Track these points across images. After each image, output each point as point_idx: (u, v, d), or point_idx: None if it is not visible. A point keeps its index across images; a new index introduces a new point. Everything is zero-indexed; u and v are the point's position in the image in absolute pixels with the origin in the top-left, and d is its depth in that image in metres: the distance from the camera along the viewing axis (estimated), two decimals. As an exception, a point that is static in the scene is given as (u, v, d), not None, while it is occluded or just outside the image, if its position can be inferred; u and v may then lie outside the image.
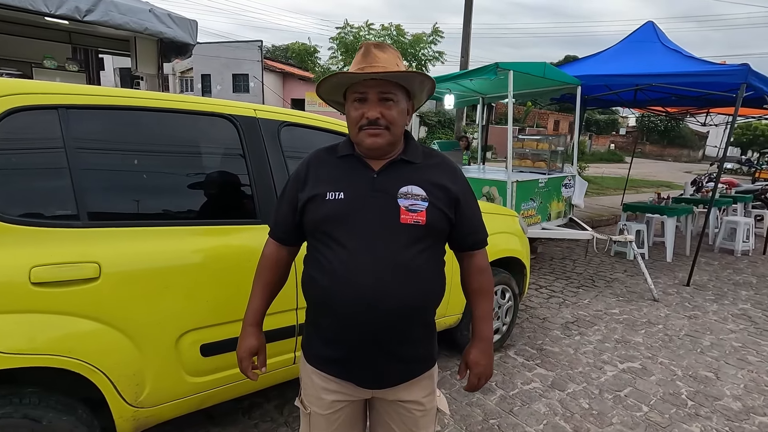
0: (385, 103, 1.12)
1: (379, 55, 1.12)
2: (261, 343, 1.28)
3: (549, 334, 3.36)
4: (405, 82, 1.15)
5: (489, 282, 1.29)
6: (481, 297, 1.28)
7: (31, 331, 1.29)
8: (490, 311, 1.30)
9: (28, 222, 1.33)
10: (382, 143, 1.13)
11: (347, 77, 1.12)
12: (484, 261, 1.29)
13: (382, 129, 1.12)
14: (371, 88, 1.11)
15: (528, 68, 4.59)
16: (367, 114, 1.11)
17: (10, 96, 1.35)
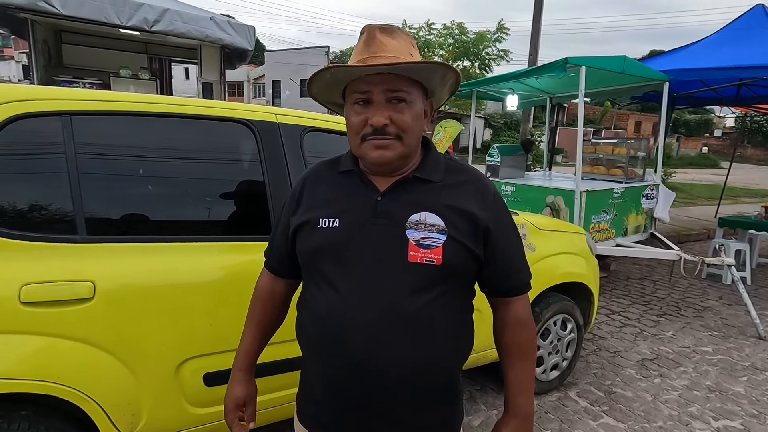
0: (395, 105, 0.85)
1: (387, 41, 0.86)
2: (249, 392, 1.07)
3: (621, 374, 2.86)
4: (421, 75, 0.88)
5: (529, 340, 0.98)
6: (517, 360, 0.97)
7: (17, 354, 1.20)
8: (531, 378, 0.98)
9: (21, 236, 1.25)
10: (391, 157, 0.87)
11: (343, 72, 0.86)
12: (525, 311, 0.98)
13: (391, 139, 0.86)
14: (376, 86, 0.85)
15: (603, 63, 4.05)
16: (371, 120, 0.85)
17: (15, 102, 1.28)
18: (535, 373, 1.02)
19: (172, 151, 1.51)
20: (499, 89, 5.56)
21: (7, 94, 1.28)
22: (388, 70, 0.84)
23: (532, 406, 0.98)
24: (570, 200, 4.12)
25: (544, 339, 2.47)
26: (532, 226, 2.39)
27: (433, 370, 0.88)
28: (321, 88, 0.93)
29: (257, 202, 1.61)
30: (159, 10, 4.55)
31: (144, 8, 4.48)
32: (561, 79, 4.81)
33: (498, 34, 8.11)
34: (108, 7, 4.31)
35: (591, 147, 5.27)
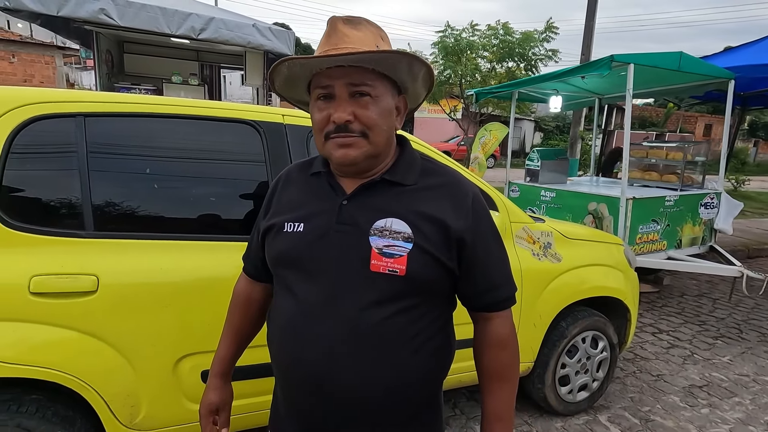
0: (358, 100, 0.79)
1: (349, 32, 0.80)
2: (224, 398, 1.05)
3: (662, 400, 2.59)
4: (386, 67, 0.81)
5: (510, 361, 0.89)
6: (496, 382, 0.88)
7: (24, 341, 1.28)
8: (511, 404, 0.89)
9: (33, 230, 1.32)
10: (356, 156, 0.81)
11: (300, 65, 0.81)
12: (506, 330, 0.89)
13: (355, 137, 0.80)
14: (338, 80, 0.79)
15: (655, 60, 3.74)
16: (333, 116, 0.80)
17: (31, 105, 1.36)
18: (515, 399, 0.91)
19: (178, 151, 1.55)
20: (543, 90, 5.30)
21: (25, 97, 1.37)
22: (346, 61, 0.77)
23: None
24: (615, 208, 3.84)
25: (570, 357, 2.29)
26: (558, 235, 2.23)
27: (396, 391, 0.81)
28: (283, 85, 0.89)
29: (260, 203, 1.61)
30: (205, 18, 4.79)
31: (192, 17, 4.73)
32: (610, 79, 4.51)
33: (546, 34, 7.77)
34: (160, 17, 4.60)
35: (642, 151, 4.88)
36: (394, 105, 0.86)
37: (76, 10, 4.36)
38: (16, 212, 1.32)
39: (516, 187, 5.06)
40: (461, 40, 7.42)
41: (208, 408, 1.03)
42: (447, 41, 7.56)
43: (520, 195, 4.99)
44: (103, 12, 4.43)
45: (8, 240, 1.30)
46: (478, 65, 7.75)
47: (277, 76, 0.87)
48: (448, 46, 7.51)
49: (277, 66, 0.84)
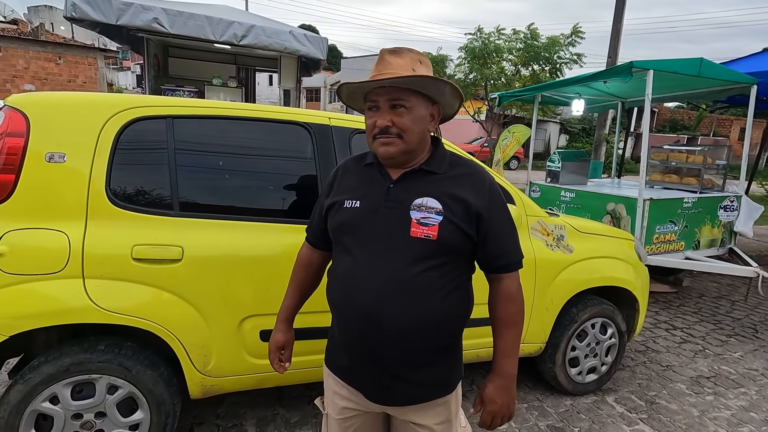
0: (396, 110, 1.08)
1: (393, 61, 1.09)
2: (288, 339, 1.35)
3: (669, 387, 2.77)
4: (417, 86, 1.08)
5: (517, 312, 1.14)
6: (505, 328, 1.14)
7: (128, 296, 1.60)
8: (516, 345, 1.14)
9: (134, 209, 1.65)
10: (394, 152, 1.09)
11: (356, 87, 1.11)
12: (513, 287, 1.14)
13: (393, 137, 1.08)
14: (381, 96, 1.08)
15: (675, 66, 3.87)
16: (377, 122, 1.09)
17: (133, 108, 1.70)
18: (519, 341, 1.16)
19: (246, 148, 1.86)
20: (565, 93, 5.46)
21: (129, 102, 1.70)
22: (387, 83, 1.06)
23: (515, 369, 1.14)
24: (632, 208, 3.99)
25: (580, 340, 2.50)
26: (571, 228, 2.44)
27: (426, 327, 1.08)
28: (348, 98, 1.19)
29: (312, 192, 1.90)
30: (246, 26, 5.17)
31: (234, 25, 5.12)
32: (632, 83, 4.64)
33: (572, 38, 7.87)
34: (206, 25, 5.00)
35: (663, 154, 4.98)
36: (428, 113, 1.13)
37: (133, 19, 4.81)
38: (121, 194, 1.65)
39: (537, 187, 5.23)
40: (489, 44, 7.60)
41: (276, 345, 1.33)
42: (474, 45, 7.76)
43: (540, 195, 5.17)
44: (156, 21, 4.86)
45: (116, 216, 1.63)
46: (504, 68, 7.90)
47: (342, 92, 1.16)
48: (475, 49, 7.70)
49: (340, 87, 1.14)
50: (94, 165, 1.62)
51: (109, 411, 1.65)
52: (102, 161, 1.63)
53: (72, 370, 1.58)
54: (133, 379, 1.65)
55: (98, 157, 1.63)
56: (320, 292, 1.33)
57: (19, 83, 16.37)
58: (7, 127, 1.55)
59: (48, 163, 1.57)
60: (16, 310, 1.49)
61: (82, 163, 1.61)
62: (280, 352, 1.35)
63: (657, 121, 30.28)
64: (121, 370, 1.63)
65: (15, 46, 16.38)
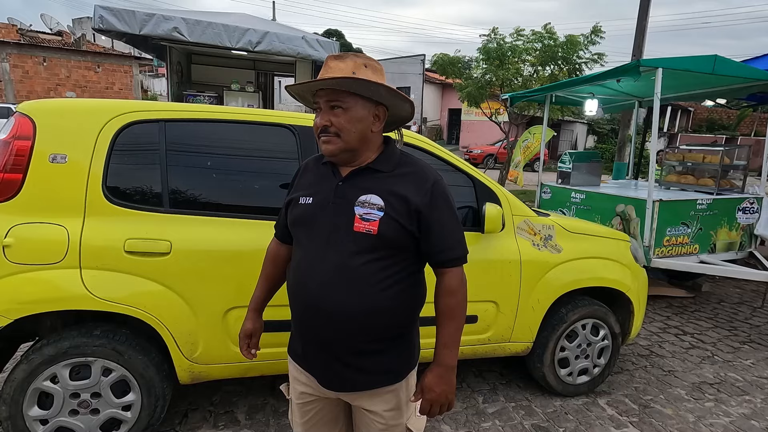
0: (334, 111, 1.14)
1: (334, 65, 1.15)
2: (256, 327, 1.44)
3: (667, 391, 2.70)
4: (348, 88, 1.13)
5: (457, 305, 1.18)
6: (445, 320, 1.18)
7: (120, 286, 1.74)
8: (455, 337, 1.18)
9: (128, 205, 1.79)
10: (333, 149, 1.15)
11: (297, 89, 1.20)
12: (455, 282, 1.19)
13: (332, 136, 1.14)
14: (322, 98, 1.15)
15: (687, 64, 3.76)
16: (317, 122, 1.16)
17: (129, 113, 1.84)
18: (460, 334, 1.19)
19: (232, 149, 1.97)
20: (578, 93, 5.37)
21: (125, 107, 1.85)
22: (324, 85, 1.12)
23: (454, 360, 1.18)
24: (642, 210, 3.89)
25: (570, 341, 2.49)
26: (560, 228, 2.44)
27: (367, 316, 1.14)
28: (299, 99, 1.27)
29: (293, 191, 2.00)
30: (261, 33, 5.36)
31: (249, 32, 5.32)
32: (646, 82, 4.53)
33: (591, 37, 7.70)
34: (222, 33, 5.22)
35: (678, 154, 4.82)
36: (371, 114, 1.17)
37: (155, 29, 5.08)
38: (116, 192, 1.80)
39: (548, 188, 5.17)
40: (503, 45, 7.54)
41: (245, 333, 1.42)
42: (490, 46, 7.72)
43: (551, 197, 5.10)
44: (176, 30, 5.11)
45: (111, 212, 1.77)
46: (520, 69, 7.82)
47: (293, 93, 1.24)
48: (491, 50, 7.66)
49: (288, 88, 1.23)
50: (93, 165, 1.77)
51: (104, 392, 1.79)
52: (99, 161, 1.77)
53: (70, 352, 1.73)
54: (125, 363, 1.78)
55: (96, 157, 1.77)
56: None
57: (62, 91, 17.42)
58: (16, 131, 1.72)
59: (51, 163, 1.72)
60: (21, 296, 1.65)
61: (81, 163, 1.76)
62: (249, 339, 1.44)
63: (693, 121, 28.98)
64: (114, 354, 1.76)
65: (58, 56, 17.45)
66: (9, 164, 1.69)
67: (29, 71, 16.86)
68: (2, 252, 1.63)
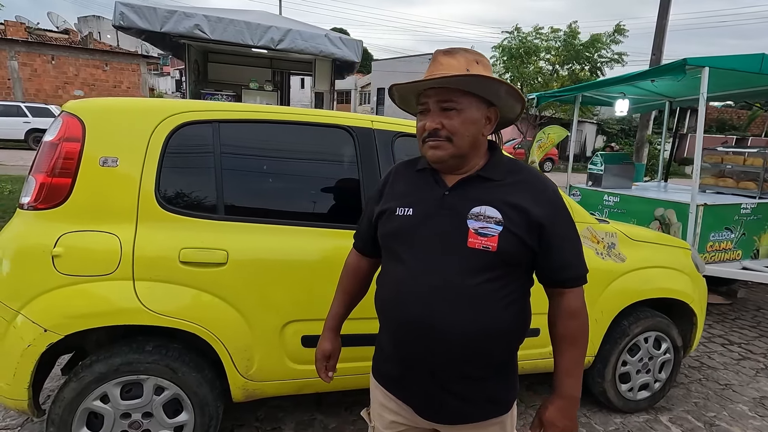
0: (446, 113, 1.02)
1: (445, 61, 1.03)
2: (335, 347, 1.32)
3: (729, 408, 2.57)
4: (470, 87, 1.02)
5: (581, 329, 1.07)
6: (567, 346, 1.06)
7: (175, 299, 1.62)
8: (579, 365, 1.06)
9: (181, 212, 1.67)
10: (442, 155, 1.04)
11: (406, 88, 1.07)
12: (576, 303, 1.06)
13: (442, 140, 1.03)
14: (431, 98, 1.03)
15: (733, 63, 3.62)
16: (427, 125, 1.04)
17: (182, 113, 1.72)
18: (583, 360, 1.08)
19: (289, 152, 1.85)
20: (608, 93, 5.23)
21: (178, 107, 1.73)
22: (436, 83, 1.01)
23: (578, 390, 1.06)
24: (683, 214, 3.76)
25: (632, 355, 2.36)
26: (622, 236, 2.31)
27: (481, 340, 1.02)
28: (401, 101, 1.15)
29: (354, 196, 1.88)
30: (283, 30, 5.24)
31: (271, 30, 5.20)
32: (683, 81, 4.39)
33: (614, 36, 7.55)
34: (244, 30, 5.11)
35: (717, 156, 4.68)
36: (483, 116, 1.06)
37: (176, 26, 4.97)
38: (169, 198, 1.68)
39: (577, 191, 5.03)
40: (526, 43, 7.40)
41: (323, 354, 1.30)
42: (510, 44, 7.58)
43: (581, 199, 4.97)
44: (198, 27, 5.00)
45: (164, 219, 1.65)
46: (541, 68, 7.68)
47: (394, 96, 1.12)
48: (512, 48, 7.52)
49: (390, 90, 1.10)
50: (145, 169, 1.65)
51: (156, 411, 1.67)
52: (152, 165, 1.66)
53: (122, 369, 1.61)
54: (178, 381, 1.67)
55: (148, 161, 1.65)
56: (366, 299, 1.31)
57: (70, 89, 17.37)
58: (65, 132, 1.60)
59: (102, 167, 1.61)
60: (71, 310, 1.53)
61: (133, 167, 1.64)
62: (327, 361, 1.32)
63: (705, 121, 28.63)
64: (168, 372, 1.65)
65: (66, 55, 17.40)
66: (57, 168, 1.57)
67: (37, 69, 16.82)
68: (52, 263, 1.52)
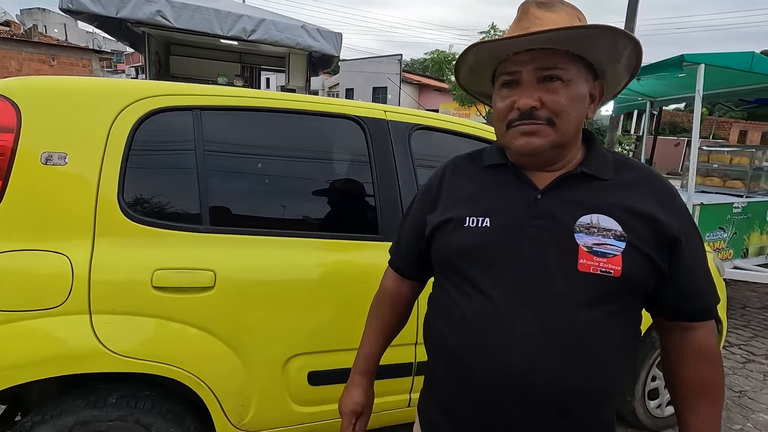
0: (547, 85, 0.75)
1: (542, 15, 0.76)
2: (368, 400, 1.01)
3: (752, 418, 2.45)
4: (582, 48, 0.75)
5: (718, 376, 0.81)
6: (703, 397, 0.80)
7: (147, 335, 1.26)
8: (717, 424, 0.81)
9: (155, 223, 1.30)
10: (539, 145, 0.76)
11: (486, 50, 0.77)
12: (711, 341, 0.81)
13: (542, 124, 0.75)
14: (526, 65, 0.75)
15: (726, 60, 3.57)
16: (518, 103, 0.75)
17: (153, 98, 1.35)
18: (720, 418, 0.83)
19: (288, 147, 1.52)
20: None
21: (147, 89, 1.36)
22: (537, 43, 0.73)
23: None
24: (679, 214, 3.67)
25: (660, 369, 2.17)
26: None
27: (592, 399, 0.75)
28: (468, 76, 0.86)
29: (367, 200, 1.57)
30: (256, 20, 4.83)
31: (243, 19, 4.78)
32: (667, 80, 4.36)
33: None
34: (213, 18, 4.66)
35: (703, 156, 4.69)
36: (588, 91, 0.80)
37: (135, 11, 4.45)
38: (138, 205, 1.31)
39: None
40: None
41: (353, 408, 0.99)
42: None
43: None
44: (160, 14, 4.50)
45: (131, 232, 1.28)
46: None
47: (462, 66, 0.84)
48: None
49: (463, 54, 0.81)
50: (104, 168, 1.27)
51: (123, 481, 1.29)
52: (114, 163, 1.28)
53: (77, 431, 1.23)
54: (152, 440, 1.30)
55: (109, 157, 1.28)
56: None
57: (11, 85, 15.94)
58: (-8, 119, 1.21)
59: (44, 165, 1.22)
60: (4, 359, 1.14)
61: (88, 165, 1.26)
62: (355, 417, 1.00)
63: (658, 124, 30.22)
64: (138, 430, 1.27)
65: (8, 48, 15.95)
66: (-19, 167, 1.18)
67: (-27, 63, 15.34)
68: (-26, 295, 1.12)
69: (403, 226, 1.01)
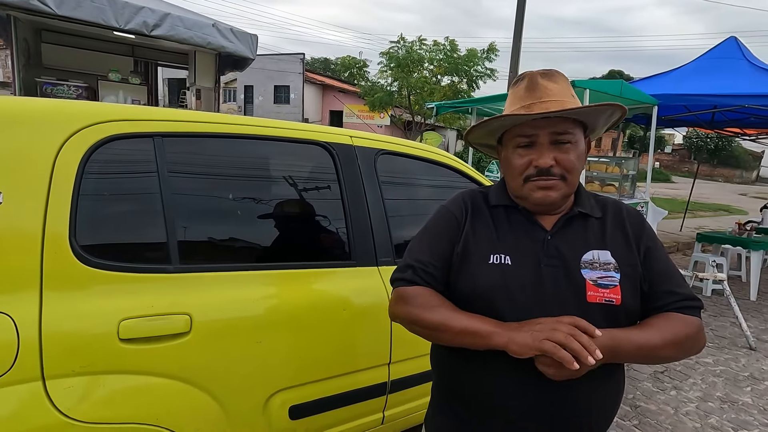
0: (560, 147, 0.88)
1: (549, 86, 0.88)
2: None
3: (639, 387, 2.98)
4: (587, 116, 0.90)
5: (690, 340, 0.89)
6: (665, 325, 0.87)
7: (115, 396, 1.11)
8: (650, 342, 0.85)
9: (116, 266, 1.15)
10: (556, 198, 0.89)
11: (512, 119, 0.88)
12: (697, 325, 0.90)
13: (556, 180, 0.88)
14: (542, 129, 0.87)
15: (604, 87, 4.28)
16: (537, 161, 0.87)
17: (106, 123, 1.19)
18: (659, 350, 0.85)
19: (259, 177, 1.46)
20: (499, 107, 5.71)
21: (99, 113, 1.19)
22: (560, 115, 0.86)
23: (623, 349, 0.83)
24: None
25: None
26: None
27: (603, 417, 0.89)
28: (485, 134, 0.95)
29: (338, 227, 1.57)
30: (160, 14, 4.37)
31: (144, 12, 4.29)
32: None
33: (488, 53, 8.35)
34: (107, 9, 4.10)
35: (586, 165, 5.51)
36: (585, 147, 0.94)
37: (3, -8, 3.72)
38: (93, 247, 1.14)
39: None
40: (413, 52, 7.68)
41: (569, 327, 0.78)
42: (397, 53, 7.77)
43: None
44: (37, -2, 3.83)
45: (88, 279, 1.11)
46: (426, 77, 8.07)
47: (481, 129, 0.92)
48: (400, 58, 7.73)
49: (489, 120, 0.90)
50: (50, 206, 1.09)
51: None
52: (62, 200, 1.10)
53: None
54: None
55: (56, 193, 1.10)
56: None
57: None
58: None
59: (-29, 206, 1.00)
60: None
61: (29, 204, 1.07)
62: None
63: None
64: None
65: None
66: None
67: None
68: None
69: (421, 246, 0.96)
